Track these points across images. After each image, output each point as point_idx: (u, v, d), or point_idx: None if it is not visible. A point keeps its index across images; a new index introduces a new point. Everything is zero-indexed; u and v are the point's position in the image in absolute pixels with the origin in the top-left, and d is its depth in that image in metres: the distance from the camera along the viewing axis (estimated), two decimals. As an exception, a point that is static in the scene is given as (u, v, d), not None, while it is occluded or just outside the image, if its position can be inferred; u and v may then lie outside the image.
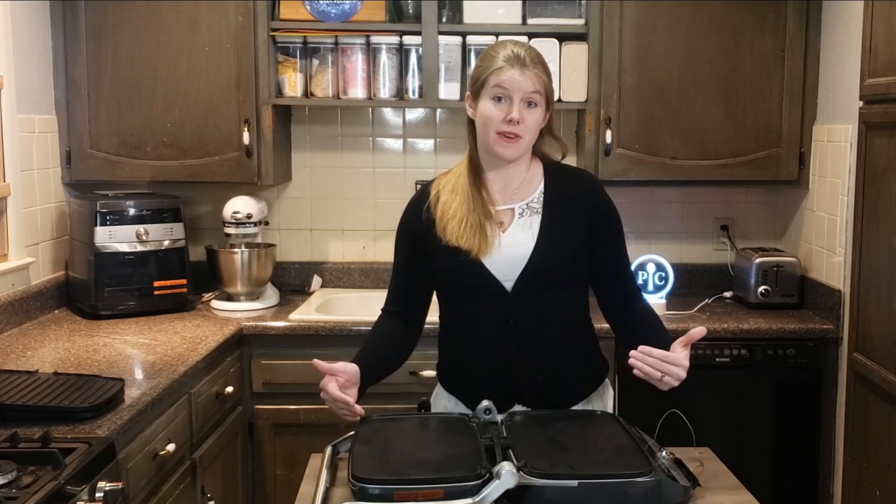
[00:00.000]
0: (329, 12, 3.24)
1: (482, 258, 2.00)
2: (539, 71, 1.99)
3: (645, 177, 3.31)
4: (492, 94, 1.98)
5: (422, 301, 2.16)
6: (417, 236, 2.09)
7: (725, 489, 1.86)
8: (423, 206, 2.09)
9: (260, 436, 3.11)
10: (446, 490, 1.58)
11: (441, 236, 2.04)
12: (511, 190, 2.08)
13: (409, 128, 3.65)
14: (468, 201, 2.03)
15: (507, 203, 2.07)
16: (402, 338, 2.14)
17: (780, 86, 3.26)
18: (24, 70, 3.00)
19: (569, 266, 2.05)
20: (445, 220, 2.04)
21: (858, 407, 2.68)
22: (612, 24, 3.21)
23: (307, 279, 3.65)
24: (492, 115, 1.98)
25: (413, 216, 2.12)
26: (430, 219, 2.07)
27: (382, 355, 2.10)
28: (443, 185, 2.10)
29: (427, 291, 2.16)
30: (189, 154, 3.26)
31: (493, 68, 1.99)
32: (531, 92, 1.97)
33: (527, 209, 2.06)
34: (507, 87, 1.97)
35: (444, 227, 2.04)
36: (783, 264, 3.33)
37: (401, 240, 2.15)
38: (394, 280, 2.17)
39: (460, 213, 2.03)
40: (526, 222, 2.05)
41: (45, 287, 3.09)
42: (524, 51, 2.00)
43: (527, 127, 1.99)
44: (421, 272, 2.11)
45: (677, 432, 2.07)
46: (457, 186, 2.07)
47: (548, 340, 2.05)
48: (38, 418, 1.97)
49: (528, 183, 2.08)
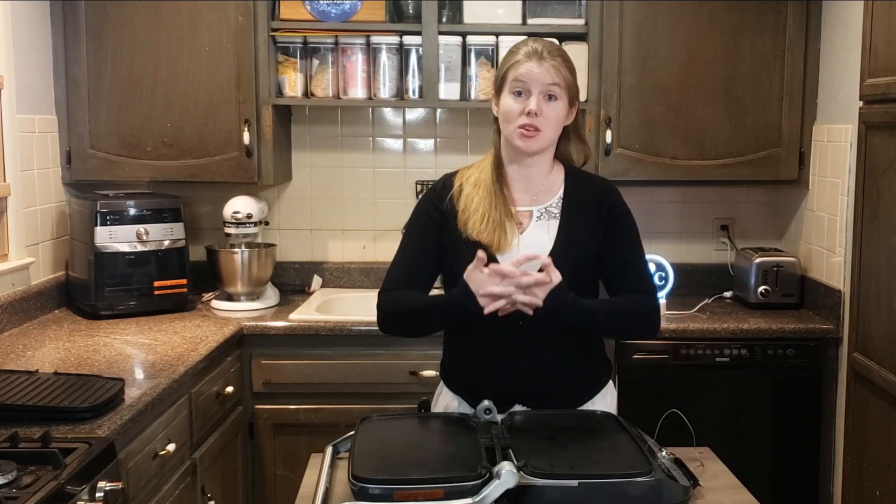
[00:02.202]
0: (329, 12, 3.24)
1: (499, 255, 2.00)
2: (558, 63, 2.00)
3: (645, 177, 3.31)
4: (511, 89, 2.00)
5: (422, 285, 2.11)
6: (434, 224, 2.08)
7: (725, 489, 1.86)
8: (447, 196, 2.08)
9: (260, 436, 3.11)
10: (446, 490, 1.58)
11: (462, 230, 2.03)
12: (532, 192, 2.09)
13: (409, 128, 3.65)
14: (491, 197, 2.03)
15: (526, 205, 2.08)
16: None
17: (780, 86, 3.26)
18: (24, 70, 3.00)
19: (582, 272, 2.05)
20: (468, 213, 2.04)
21: (858, 407, 2.68)
22: (612, 24, 3.21)
23: (307, 279, 3.65)
24: (512, 109, 2.00)
25: (434, 205, 2.10)
26: (453, 210, 2.06)
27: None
28: (466, 177, 2.10)
29: (431, 276, 2.13)
30: (189, 154, 3.26)
31: (511, 63, 2.01)
32: (550, 84, 1.98)
33: (545, 213, 2.07)
34: (525, 80, 1.98)
35: (465, 221, 2.04)
36: (783, 264, 3.33)
37: (417, 226, 2.13)
38: (398, 262, 2.12)
39: (482, 207, 2.03)
40: (543, 226, 2.06)
41: (45, 287, 3.09)
42: (542, 45, 2.02)
43: (546, 120, 1.99)
44: (429, 258, 2.09)
45: (677, 432, 2.08)
46: (480, 181, 2.07)
47: (556, 343, 2.05)
48: (38, 418, 1.97)
49: (549, 187, 2.09)
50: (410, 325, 2.12)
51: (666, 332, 3.07)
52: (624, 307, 2.07)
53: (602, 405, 2.13)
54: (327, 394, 3.08)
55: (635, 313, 2.07)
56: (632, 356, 3.08)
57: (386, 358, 3.04)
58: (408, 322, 2.10)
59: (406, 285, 2.08)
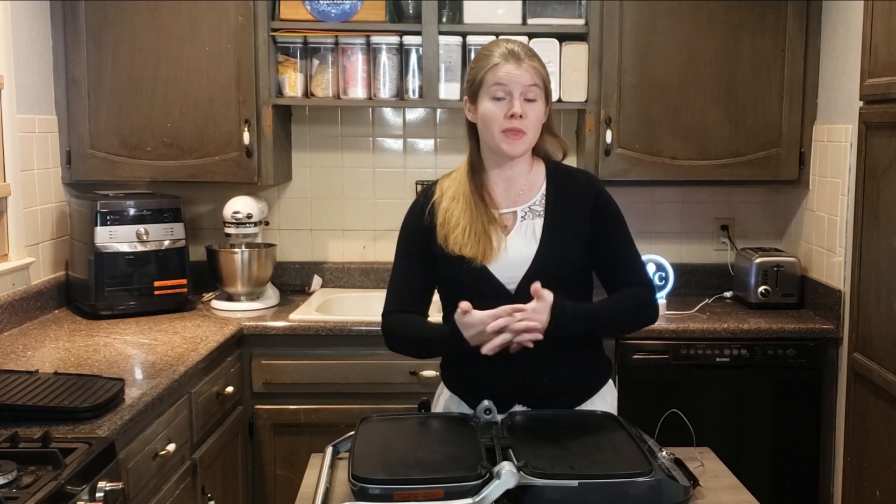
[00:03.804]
0: (329, 12, 3.24)
1: (487, 265, 2.00)
2: (536, 64, 2.00)
3: (645, 177, 3.31)
4: (491, 94, 1.98)
5: (423, 303, 2.14)
6: (421, 238, 2.08)
7: (725, 489, 1.86)
8: (427, 208, 2.08)
9: (260, 436, 3.11)
10: (446, 490, 1.58)
11: (444, 245, 2.03)
12: (514, 193, 2.08)
13: (409, 128, 3.65)
14: (471, 208, 2.02)
15: (509, 206, 2.07)
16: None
17: (780, 86, 3.26)
18: (24, 70, 3.00)
19: (571, 268, 2.04)
20: (448, 228, 2.03)
21: (858, 407, 2.68)
22: (612, 24, 3.21)
23: (307, 279, 3.65)
24: (493, 113, 1.98)
25: (416, 218, 2.11)
26: (433, 223, 2.06)
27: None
28: (445, 188, 2.09)
29: (429, 292, 2.15)
30: (189, 154, 3.26)
31: (489, 66, 1.99)
32: (530, 85, 1.97)
33: (529, 212, 2.06)
34: (505, 83, 1.97)
35: (445, 236, 2.03)
36: (783, 264, 3.33)
37: (404, 242, 2.14)
38: (395, 282, 2.15)
39: (463, 220, 2.02)
40: (528, 225, 2.05)
41: (45, 287, 3.09)
42: (517, 46, 2.01)
43: (529, 121, 1.98)
44: (424, 274, 2.10)
45: (677, 432, 2.07)
46: (458, 193, 2.06)
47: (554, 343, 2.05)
48: (38, 418, 1.97)
49: (531, 185, 2.08)
50: (414, 352, 2.23)
51: (666, 332, 3.07)
52: (626, 304, 2.07)
53: (602, 404, 2.13)
54: (327, 394, 3.08)
55: (640, 306, 2.08)
56: (632, 356, 3.08)
57: (386, 358, 3.03)
58: (411, 349, 2.20)
59: (406, 304, 2.12)
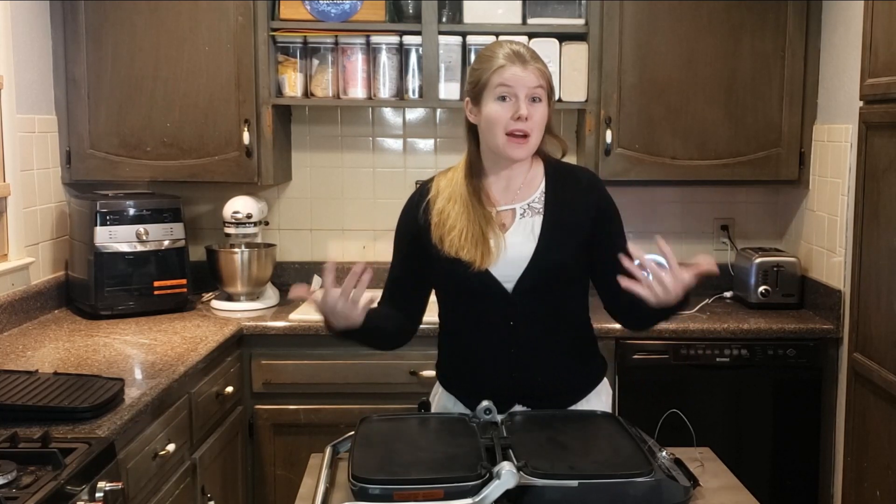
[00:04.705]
0: (329, 12, 3.24)
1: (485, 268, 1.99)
2: (540, 65, 1.99)
3: (645, 177, 3.31)
4: (496, 95, 1.97)
5: (418, 300, 2.14)
6: (415, 237, 2.07)
7: (725, 489, 1.85)
8: (422, 205, 2.07)
9: (260, 436, 3.11)
10: (446, 490, 1.58)
11: (439, 246, 2.01)
12: (513, 191, 2.07)
13: (409, 128, 3.64)
14: (468, 210, 2.00)
15: (508, 204, 2.06)
16: (399, 321, 2.12)
17: (780, 86, 3.26)
18: (24, 70, 3.00)
19: (569, 267, 2.04)
20: (443, 229, 2.01)
21: (858, 407, 2.68)
22: (612, 24, 3.21)
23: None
24: (499, 115, 1.96)
25: (411, 216, 2.10)
26: (427, 221, 2.05)
27: (384, 314, 2.08)
28: (441, 187, 2.08)
29: (425, 291, 2.14)
30: (189, 154, 3.26)
31: (494, 68, 1.97)
32: (535, 87, 1.96)
33: (528, 209, 2.05)
34: (511, 85, 1.95)
35: (440, 237, 2.02)
36: (783, 264, 3.33)
37: (399, 240, 2.14)
38: (391, 279, 2.15)
39: (460, 223, 2.00)
40: (527, 223, 2.04)
41: (45, 287, 3.09)
42: (521, 47, 2.01)
43: (534, 123, 1.97)
44: (419, 273, 2.10)
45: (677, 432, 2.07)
46: (454, 194, 2.03)
47: (548, 341, 2.05)
48: (38, 418, 1.97)
49: (530, 183, 2.07)
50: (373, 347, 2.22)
51: (666, 332, 3.07)
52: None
53: (597, 403, 2.12)
54: (327, 394, 3.08)
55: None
56: (632, 356, 3.08)
57: (386, 358, 3.04)
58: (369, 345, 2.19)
59: (395, 299, 2.13)
